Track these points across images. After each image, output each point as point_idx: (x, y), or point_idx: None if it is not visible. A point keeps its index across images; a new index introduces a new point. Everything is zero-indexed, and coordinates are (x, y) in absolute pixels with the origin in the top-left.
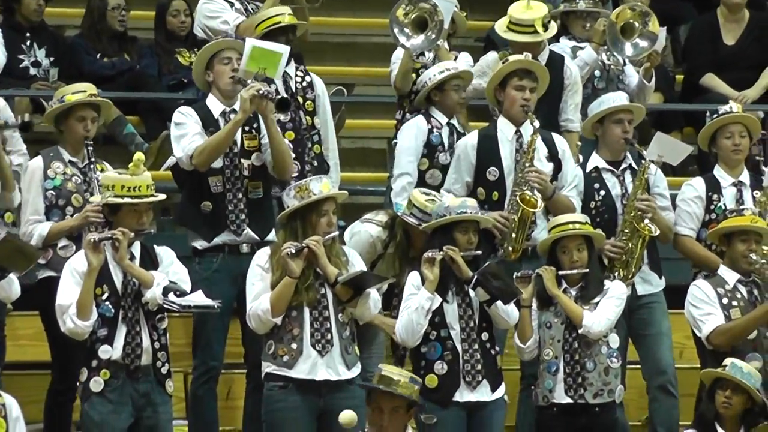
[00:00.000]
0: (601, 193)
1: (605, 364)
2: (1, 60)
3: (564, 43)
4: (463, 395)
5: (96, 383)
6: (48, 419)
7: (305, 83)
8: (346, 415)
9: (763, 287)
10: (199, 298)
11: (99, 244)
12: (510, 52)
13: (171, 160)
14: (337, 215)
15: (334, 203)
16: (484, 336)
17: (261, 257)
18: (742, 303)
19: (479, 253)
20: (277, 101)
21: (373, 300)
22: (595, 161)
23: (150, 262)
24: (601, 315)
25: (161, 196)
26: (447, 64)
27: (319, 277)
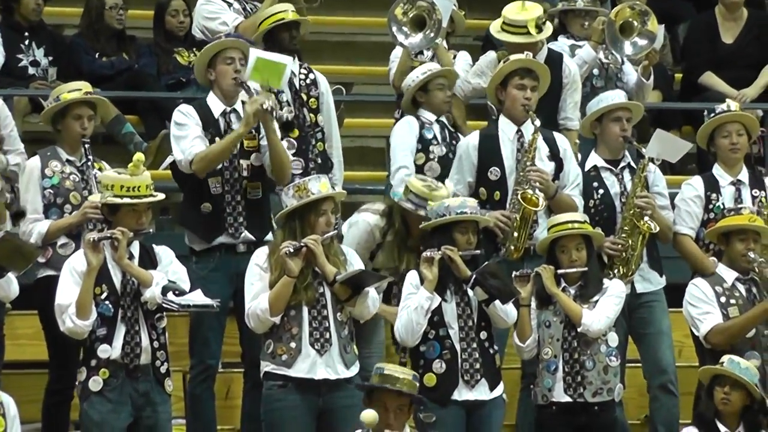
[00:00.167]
0: (600, 191)
1: (604, 363)
2: (0, 59)
3: (562, 42)
4: (462, 394)
5: (95, 382)
6: (46, 419)
7: (309, 80)
8: (370, 414)
9: (762, 286)
10: (198, 297)
11: (98, 244)
12: (503, 52)
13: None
14: (336, 214)
15: (333, 203)
16: (483, 335)
17: (259, 256)
18: (740, 301)
19: (478, 252)
20: (282, 123)
21: (371, 299)
22: (594, 160)
23: (149, 261)
24: (600, 313)
25: (160, 196)
26: (428, 65)
27: (318, 276)
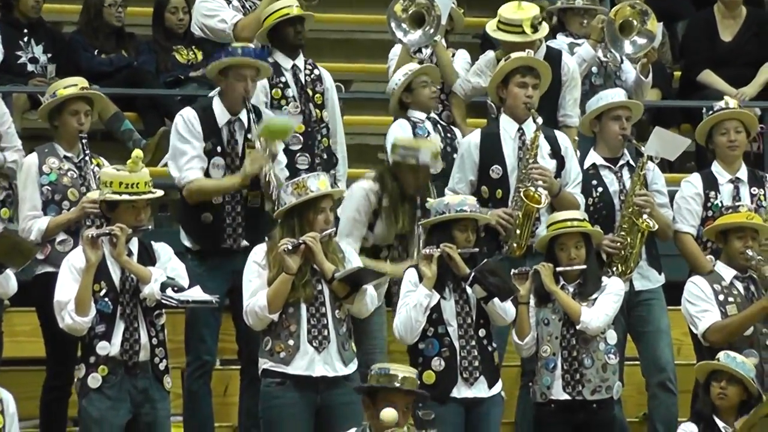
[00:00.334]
0: (599, 189)
1: (603, 361)
2: None
3: (561, 40)
4: (461, 391)
5: (94, 379)
6: (44, 415)
7: (314, 76)
8: (391, 414)
9: (760, 283)
10: (196, 294)
11: (97, 240)
12: (501, 51)
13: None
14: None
15: (332, 200)
16: (482, 333)
17: (258, 254)
18: (738, 299)
19: (476, 250)
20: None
21: (369, 296)
22: (593, 158)
23: (148, 258)
24: (599, 311)
25: (159, 193)
26: (408, 66)
27: (316, 273)
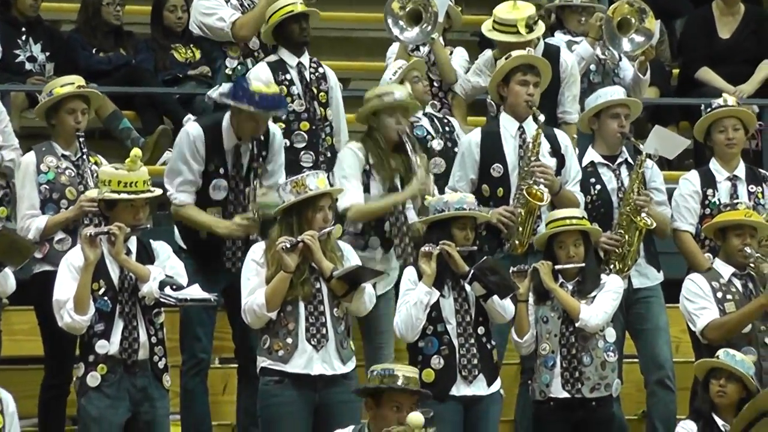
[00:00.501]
0: (597, 187)
1: (602, 359)
2: None
3: (559, 38)
4: (460, 389)
5: (93, 378)
6: (42, 414)
7: (318, 74)
8: (419, 418)
9: (758, 281)
10: (195, 292)
11: (95, 239)
12: (498, 50)
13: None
14: (333, 211)
15: (330, 199)
16: (480, 330)
17: (256, 252)
18: (736, 297)
19: (475, 248)
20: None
21: (368, 294)
22: (591, 156)
23: (146, 256)
24: (598, 308)
25: (158, 192)
26: (396, 64)
27: (315, 271)
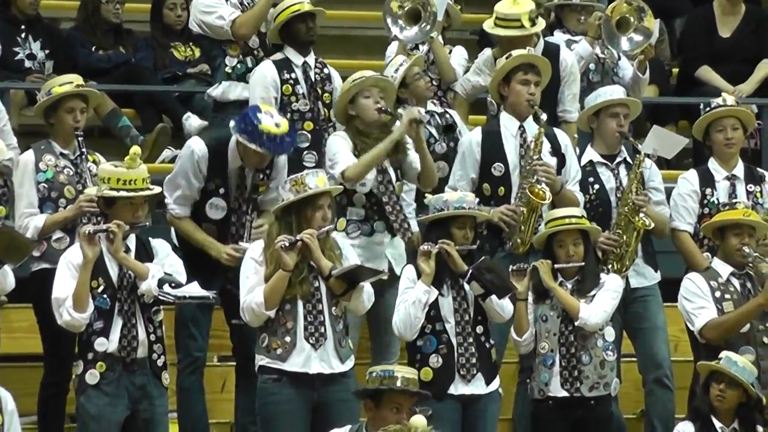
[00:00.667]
0: (596, 186)
1: (601, 357)
2: None
3: (558, 37)
4: (458, 388)
5: (92, 376)
6: (42, 412)
7: (323, 75)
8: (423, 421)
9: (757, 280)
10: (194, 289)
11: (94, 237)
12: (498, 49)
13: (166, 154)
14: (332, 209)
15: (330, 197)
16: (479, 329)
17: (255, 250)
18: (735, 296)
19: (474, 247)
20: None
21: (366, 293)
22: (590, 155)
23: (145, 254)
24: (597, 307)
25: (157, 190)
26: (396, 60)
27: (313, 270)
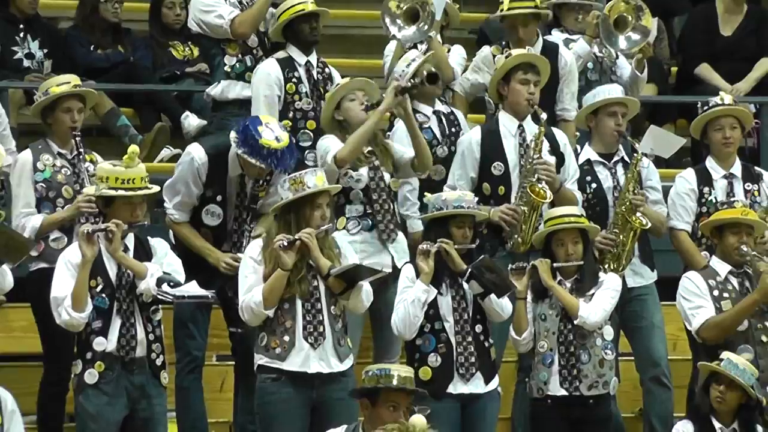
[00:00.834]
0: (593, 185)
1: (600, 356)
2: None
3: (556, 36)
4: (457, 387)
5: (91, 375)
6: (41, 411)
7: (325, 74)
8: (423, 420)
9: (755, 279)
10: (193, 289)
11: (93, 236)
12: (503, 46)
13: (164, 153)
14: (331, 208)
15: (329, 196)
16: (478, 328)
17: (253, 249)
18: (733, 295)
19: (473, 246)
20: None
21: (365, 292)
22: (588, 153)
23: (144, 253)
24: (596, 306)
25: (155, 189)
26: (409, 55)
27: (312, 269)
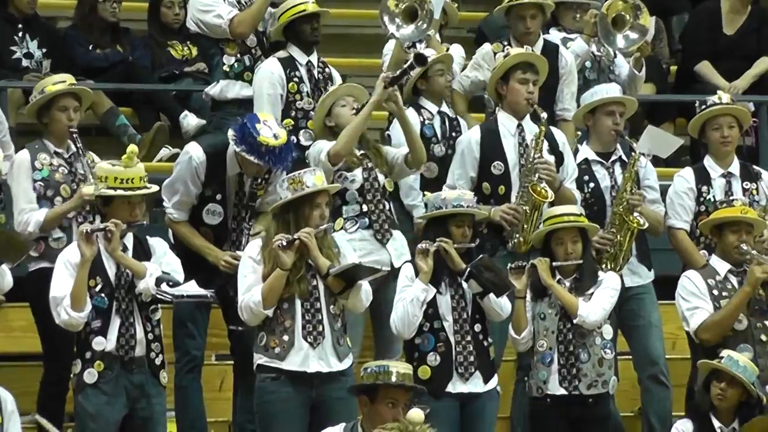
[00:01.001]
0: (591, 185)
1: (599, 355)
2: None
3: (554, 35)
4: (456, 386)
5: (90, 375)
6: (41, 411)
7: (326, 74)
8: (420, 414)
9: None
10: (192, 288)
11: (92, 236)
12: (505, 43)
13: (163, 152)
14: (330, 208)
15: (328, 196)
16: (477, 327)
17: (252, 249)
18: (732, 293)
19: (473, 245)
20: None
21: (365, 292)
22: (585, 153)
23: (143, 253)
24: (596, 305)
25: (154, 188)
26: (425, 52)
27: (311, 268)
